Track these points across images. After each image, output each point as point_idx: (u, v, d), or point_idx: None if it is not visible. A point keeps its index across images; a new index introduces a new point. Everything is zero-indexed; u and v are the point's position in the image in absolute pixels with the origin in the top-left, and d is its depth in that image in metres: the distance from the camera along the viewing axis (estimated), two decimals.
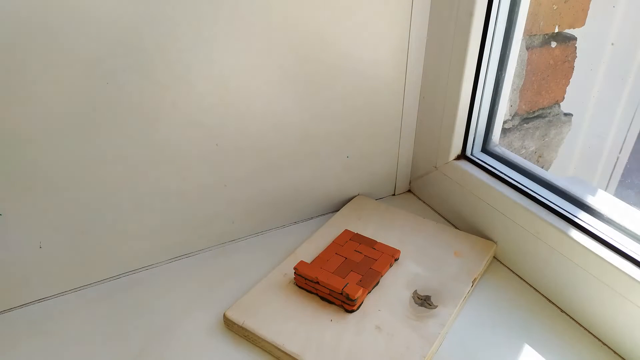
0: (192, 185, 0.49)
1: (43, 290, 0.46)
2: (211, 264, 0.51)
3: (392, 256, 0.48)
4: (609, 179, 0.70)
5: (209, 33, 0.43)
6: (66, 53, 0.38)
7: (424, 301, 0.44)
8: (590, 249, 0.41)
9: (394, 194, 0.64)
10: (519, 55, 0.58)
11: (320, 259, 0.47)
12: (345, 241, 0.49)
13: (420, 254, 0.50)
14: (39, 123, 0.40)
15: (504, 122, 0.64)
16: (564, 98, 0.68)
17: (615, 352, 0.41)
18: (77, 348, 0.42)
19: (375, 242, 0.49)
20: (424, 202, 0.62)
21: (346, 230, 0.51)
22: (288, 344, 0.40)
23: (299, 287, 0.46)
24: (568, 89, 0.67)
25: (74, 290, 0.48)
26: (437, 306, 0.43)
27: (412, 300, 0.44)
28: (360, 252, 0.47)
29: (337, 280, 0.43)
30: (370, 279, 0.45)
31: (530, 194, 0.48)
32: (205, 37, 0.43)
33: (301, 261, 0.46)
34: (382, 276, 0.47)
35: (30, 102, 0.39)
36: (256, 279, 0.48)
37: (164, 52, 0.42)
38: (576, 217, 0.44)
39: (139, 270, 0.50)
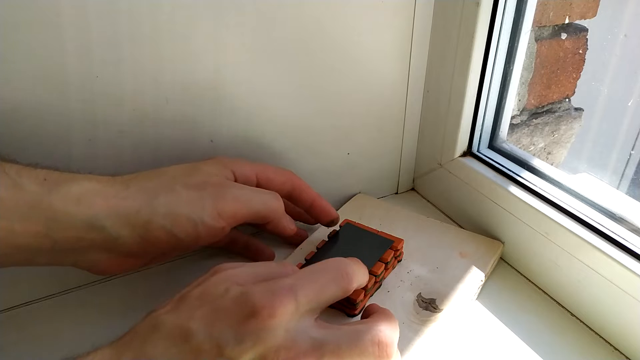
0: None
1: (30, 292, 0.45)
2: (205, 265, 0.49)
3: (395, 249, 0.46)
4: (621, 177, 0.70)
5: (204, 24, 0.41)
6: (54, 44, 0.37)
7: (428, 304, 0.43)
8: (602, 249, 0.40)
9: (396, 192, 0.62)
10: (528, 48, 0.56)
11: None
12: None
13: (424, 254, 0.49)
14: (26, 119, 0.38)
15: (512, 118, 0.63)
16: (574, 92, 0.67)
17: (628, 358, 0.40)
18: (64, 354, 0.40)
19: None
20: (428, 201, 0.61)
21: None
22: None
23: None
24: (579, 82, 0.66)
25: (63, 292, 0.46)
26: (442, 309, 0.42)
27: (416, 303, 0.43)
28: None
29: None
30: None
31: (539, 193, 0.47)
32: (200, 29, 0.41)
33: (300, 264, 0.44)
34: (384, 279, 0.45)
35: (15, 97, 0.37)
36: None
37: (157, 44, 0.40)
38: (587, 216, 0.43)
39: (128, 272, 0.49)
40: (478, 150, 0.55)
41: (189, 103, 0.44)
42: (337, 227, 0.50)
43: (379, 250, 0.45)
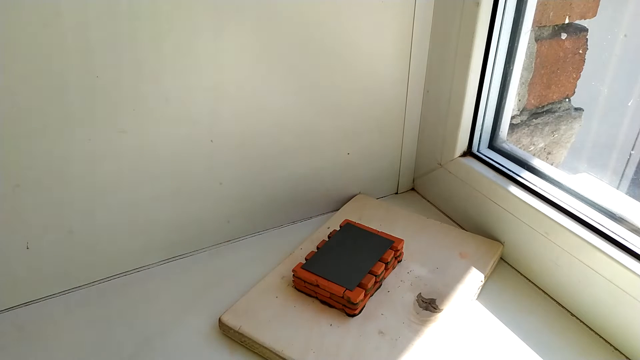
0: (185, 183, 0.47)
1: (30, 292, 0.45)
2: (205, 265, 0.50)
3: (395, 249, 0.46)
4: (621, 177, 0.70)
5: (205, 25, 0.41)
6: (56, 45, 0.37)
7: (428, 305, 0.43)
8: (602, 249, 0.40)
9: (396, 193, 0.62)
10: (528, 48, 0.56)
11: None
12: None
13: (424, 255, 0.49)
14: (26, 118, 0.38)
15: (512, 118, 0.63)
16: (574, 92, 0.67)
17: (628, 358, 0.40)
18: (65, 353, 0.41)
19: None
20: (428, 201, 0.61)
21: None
22: (287, 350, 0.38)
23: (298, 290, 0.44)
24: (579, 82, 0.66)
25: (63, 292, 0.46)
26: (442, 310, 0.42)
27: (417, 303, 0.43)
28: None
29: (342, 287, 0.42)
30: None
31: (539, 193, 0.47)
32: (201, 30, 0.41)
33: (300, 263, 0.44)
34: (384, 279, 0.45)
35: (17, 97, 0.37)
36: (253, 282, 0.47)
37: (158, 45, 0.40)
38: (587, 216, 0.43)
39: (130, 272, 0.49)
40: (478, 150, 0.55)
41: (189, 103, 0.44)
42: (337, 227, 0.50)
43: (379, 250, 0.45)
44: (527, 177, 0.49)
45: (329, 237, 0.48)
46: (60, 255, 0.45)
